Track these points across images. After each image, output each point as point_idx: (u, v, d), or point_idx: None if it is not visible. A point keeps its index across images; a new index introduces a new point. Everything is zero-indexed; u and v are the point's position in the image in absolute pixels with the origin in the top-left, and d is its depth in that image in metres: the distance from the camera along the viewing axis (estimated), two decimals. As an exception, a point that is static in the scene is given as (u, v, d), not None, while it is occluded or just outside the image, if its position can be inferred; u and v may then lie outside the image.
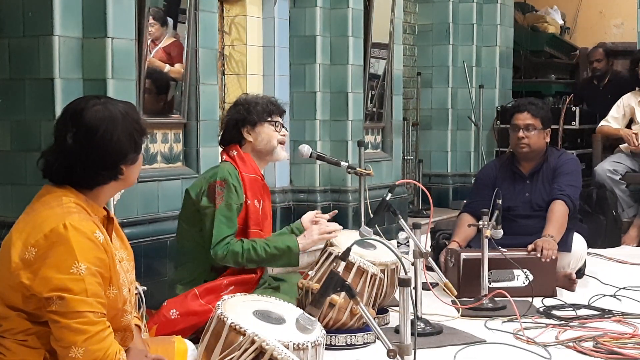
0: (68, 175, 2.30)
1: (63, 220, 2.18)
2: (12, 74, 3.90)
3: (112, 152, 2.30)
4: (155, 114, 4.33)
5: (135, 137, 2.35)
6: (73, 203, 2.26)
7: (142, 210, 4.16)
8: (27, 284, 2.16)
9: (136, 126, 2.35)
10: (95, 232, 2.21)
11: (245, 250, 3.55)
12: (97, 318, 2.18)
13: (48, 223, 2.19)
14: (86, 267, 2.17)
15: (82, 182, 2.31)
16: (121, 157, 2.32)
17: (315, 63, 6.17)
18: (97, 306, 2.19)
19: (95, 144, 2.28)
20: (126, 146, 2.32)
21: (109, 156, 2.30)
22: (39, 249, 2.17)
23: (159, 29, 4.31)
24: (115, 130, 2.30)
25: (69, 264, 2.16)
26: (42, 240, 2.18)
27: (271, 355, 2.46)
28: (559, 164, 4.87)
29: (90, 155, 2.28)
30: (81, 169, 2.29)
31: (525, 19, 9.77)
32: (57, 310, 2.15)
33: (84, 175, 2.30)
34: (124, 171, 2.34)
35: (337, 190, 6.28)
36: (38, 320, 2.22)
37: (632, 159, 6.67)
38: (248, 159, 3.73)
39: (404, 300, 2.51)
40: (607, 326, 3.92)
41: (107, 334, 2.21)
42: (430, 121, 8.23)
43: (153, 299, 3.64)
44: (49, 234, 2.18)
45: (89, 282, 2.17)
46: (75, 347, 2.15)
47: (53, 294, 2.14)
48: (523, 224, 4.78)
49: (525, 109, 4.87)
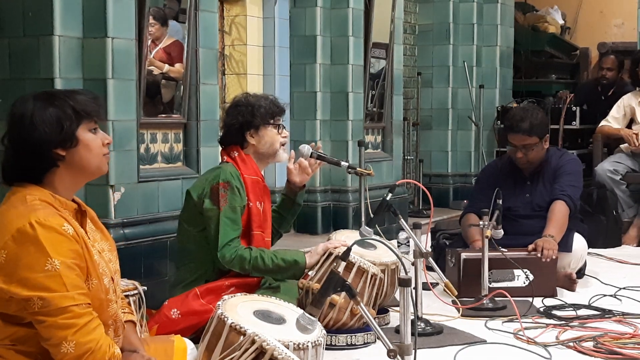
0: (12, 170, 2.28)
1: (28, 219, 2.15)
2: (12, 74, 3.90)
3: (36, 138, 2.24)
4: (155, 114, 4.33)
5: (62, 121, 2.26)
6: (37, 200, 2.23)
7: (142, 210, 4.16)
8: (3, 287, 2.13)
9: (66, 108, 2.27)
10: (63, 225, 2.18)
11: (253, 258, 3.54)
12: (82, 310, 2.16)
13: (14, 224, 2.16)
14: (60, 261, 2.14)
15: (26, 175, 2.28)
16: (47, 142, 2.25)
17: (315, 63, 6.18)
18: (80, 298, 2.16)
19: (19, 133, 2.25)
20: (50, 131, 2.25)
21: (34, 143, 2.24)
22: (8, 251, 2.14)
23: (159, 29, 4.31)
24: (37, 116, 2.24)
25: (42, 262, 2.12)
26: (11, 242, 2.14)
27: (271, 355, 2.46)
28: (560, 164, 4.86)
29: (18, 145, 2.26)
30: (17, 161, 2.27)
31: (525, 19, 9.77)
32: (39, 311, 2.12)
33: (22, 167, 2.27)
34: (63, 155, 2.27)
35: (338, 190, 6.29)
36: (22, 322, 2.19)
37: (633, 159, 6.67)
38: (249, 160, 3.72)
39: (404, 300, 2.51)
40: (607, 326, 3.92)
41: (95, 324, 2.18)
42: (431, 121, 8.24)
43: (153, 299, 3.63)
44: (16, 234, 2.14)
45: (66, 276, 2.14)
46: (65, 342, 2.13)
47: (32, 294, 2.11)
48: (524, 224, 4.77)
49: (518, 130, 4.71)
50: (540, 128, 4.75)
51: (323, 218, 6.22)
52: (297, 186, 3.88)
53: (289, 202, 3.92)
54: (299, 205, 3.96)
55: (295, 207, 3.95)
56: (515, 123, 4.75)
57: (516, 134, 4.74)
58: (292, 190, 3.90)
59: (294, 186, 3.89)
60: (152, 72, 4.28)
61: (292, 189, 3.90)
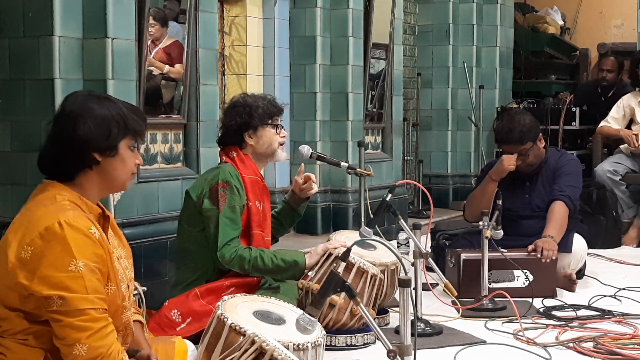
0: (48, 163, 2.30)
1: (58, 218, 2.17)
2: (12, 74, 3.90)
3: (79, 136, 2.27)
4: (155, 114, 4.33)
5: (111, 127, 2.30)
6: (67, 201, 2.25)
7: (142, 210, 4.16)
8: (25, 283, 2.15)
9: (118, 118, 2.31)
10: (90, 228, 2.20)
11: (253, 258, 3.54)
12: (99, 314, 2.18)
13: (43, 221, 2.18)
14: (84, 264, 2.16)
15: (60, 171, 2.30)
16: (88, 143, 2.28)
17: (315, 63, 6.18)
18: (99, 302, 2.18)
19: (64, 128, 2.28)
20: (95, 132, 2.28)
21: (76, 140, 2.27)
22: (35, 247, 2.16)
23: (159, 29, 4.31)
24: (87, 116, 2.28)
25: (67, 262, 2.15)
26: (38, 239, 2.16)
27: (271, 355, 2.46)
28: (559, 165, 4.86)
29: (60, 139, 2.28)
30: (55, 155, 2.29)
31: (525, 20, 9.77)
32: (58, 310, 2.14)
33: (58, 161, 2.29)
34: (100, 160, 2.30)
35: (337, 190, 6.29)
36: (37, 320, 2.21)
37: (632, 159, 6.67)
38: (248, 160, 3.72)
39: (404, 300, 2.51)
40: (607, 327, 3.92)
41: (109, 330, 2.20)
42: (431, 121, 8.24)
43: (153, 299, 3.64)
44: (44, 232, 2.16)
45: (88, 279, 2.16)
46: (78, 344, 2.14)
47: (53, 292, 2.13)
48: (523, 225, 4.77)
49: (510, 141, 4.70)
50: (530, 133, 4.73)
51: (323, 218, 6.22)
52: (301, 198, 3.90)
53: (289, 210, 3.94)
54: (299, 215, 3.98)
55: (295, 217, 3.97)
56: (505, 136, 4.75)
57: (508, 145, 4.74)
58: (295, 200, 3.92)
59: (297, 197, 3.90)
60: (152, 72, 4.28)
61: (296, 200, 3.91)
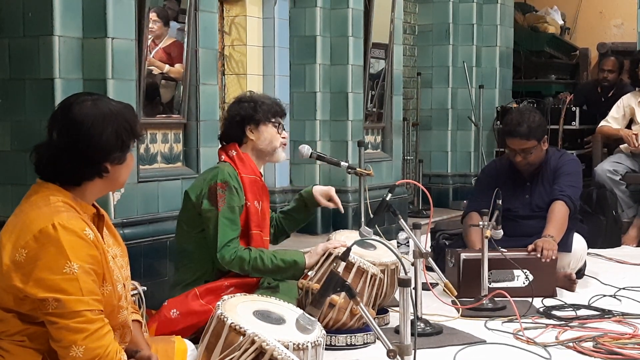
0: (55, 170, 2.28)
1: (52, 220, 2.16)
2: (12, 74, 3.90)
3: (96, 148, 2.26)
4: (155, 114, 4.33)
5: (123, 137, 2.30)
6: (61, 202, 2.24)
7: (142, 210, 4.16)
8: (20, 286, 2.15)
9: (126, 126, 2.31)
10: (84, 229, 2.19)
11: (253, 258, 3.54)
12: (94, 316, 2.17)
13: (37, 223, 2.17)
14: (79, 265, 2.15)
15: (68, 178, 2.29)
16: (105, 155, 2.28)
17: (315, 63, 6.18)
18: (94, 304, 2.18)
19: (78, 139, 2.26)
20: (111, 144, 2.28)
21: (92, 152, 2.26)
22: (29, 250, 2.15)
23: (161, 27, 4.31)
24: (101, 127, 2.27)
25: (61, 264, 2.14)
26: (32, 242, 2.15)
27: (271, 355, 2.46)
28: (559, 164, 4.86)
29: (73, 149, 2.26)
30: (65, 164, 2.27)
31: (525, 19, 9.77)
32: (54, 312, 2.14)
33: (68, 170, 2.27)
34: (110, 169, 2.30)
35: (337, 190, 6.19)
36: (34, 321, 2.20)
37: (632, 159, 6.67)
38: (247, 159, 3.72)
39: (404, 300, 2.51)
40: (607, 326, 3.92)
41: (106, 331, 2.20)
42: (430, 121, 8.24)
43: (153, 299, 3.64)
44: (38, 234, 2.15)
45: (83, 281, 2.16)
46: (75, 346, 2.14)
47: (48, 295, 2.13)
48: (523, 224, 4.77)
49: (516, 134, 4.70)
50: (538, 131, 4.74)
51: (323, 218, 6.22)
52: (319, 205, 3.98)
53: (304, 207, 3.97)
54: (312, 215, 4.12)
55: (309, 215, 4.04)
56: (513, 127, 4.74)
57: (514, 139, 4.73)
58: (313, 203, 3.96)
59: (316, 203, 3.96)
60: (152, 72, 4.28)
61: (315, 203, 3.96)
